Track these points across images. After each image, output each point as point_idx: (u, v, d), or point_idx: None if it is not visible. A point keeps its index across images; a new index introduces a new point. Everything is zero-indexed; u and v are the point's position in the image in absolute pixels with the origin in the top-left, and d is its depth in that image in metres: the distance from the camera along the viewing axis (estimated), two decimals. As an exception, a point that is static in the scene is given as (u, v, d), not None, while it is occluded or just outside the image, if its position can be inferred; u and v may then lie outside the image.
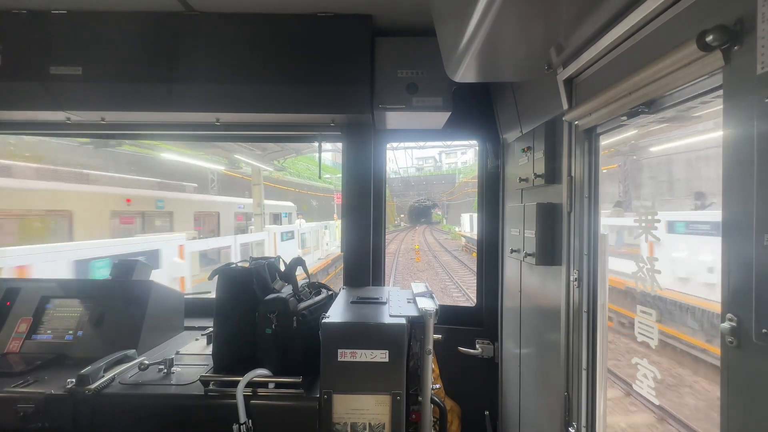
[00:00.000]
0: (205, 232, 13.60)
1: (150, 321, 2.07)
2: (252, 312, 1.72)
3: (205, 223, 13.73)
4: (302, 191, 29.41)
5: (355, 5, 1.98)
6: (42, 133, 2.51)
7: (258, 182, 15.50)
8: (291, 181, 26.76)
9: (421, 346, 1.64)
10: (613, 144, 11.78)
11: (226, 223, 14.52)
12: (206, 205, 14.00)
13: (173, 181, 15.54)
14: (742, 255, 0.80)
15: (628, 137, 11.25)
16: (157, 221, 11.37)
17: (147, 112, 2.13)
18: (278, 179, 23.69)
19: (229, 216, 14.87)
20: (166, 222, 11.60)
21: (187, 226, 12.00)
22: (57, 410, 1.58)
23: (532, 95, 1.98)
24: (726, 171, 0.84)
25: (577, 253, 1.59)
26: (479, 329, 2.64)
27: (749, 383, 0.80)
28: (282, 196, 24.00)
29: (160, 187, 13.80)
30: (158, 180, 14.57)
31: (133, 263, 2.34)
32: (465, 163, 59.45)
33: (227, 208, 14.92)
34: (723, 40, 0.82)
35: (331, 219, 25.46)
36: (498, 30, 1.21)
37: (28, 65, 2.02)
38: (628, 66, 1.21)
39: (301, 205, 27.66)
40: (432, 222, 62.84)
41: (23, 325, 2.03)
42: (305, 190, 29.80)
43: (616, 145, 12.42)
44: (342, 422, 1.53)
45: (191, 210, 12.61)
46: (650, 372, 1.34)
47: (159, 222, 11.44)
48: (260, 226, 14.81)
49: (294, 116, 2.23)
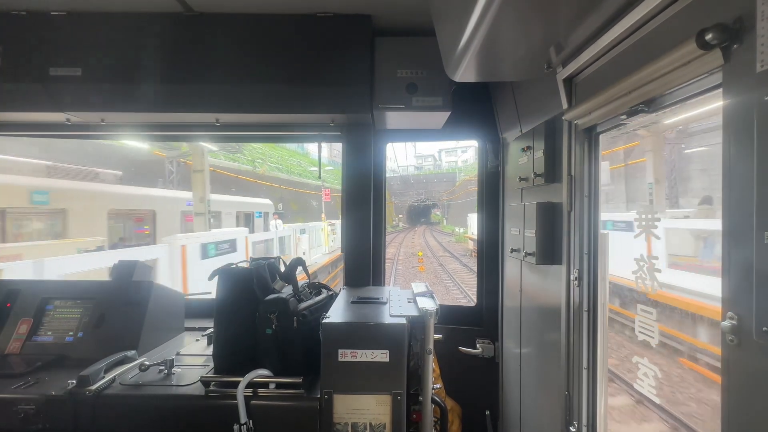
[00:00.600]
0: (136, 237, 10.11)
1: (150, 322, 2.07)
2: (252, 312, 1.72)
3: (130, 225, 10.24)
4: (288, 188, 25.74)
5: (355, 5, 1.98)
6: (41, 134, 2.51)
7: (201, 168, 11.23)
8: (275, 176, 24.57)
9: (422, 345, 1.64)
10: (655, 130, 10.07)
11: (168, 224, 10.87)
12: (132, 200, 10.21)
13: (83, 167, 10.93)
14: (743, 253, 0.80)
15: (677, 121, 9.79)
16: (34, 223, 7.84)
17: (146, 113, 2.13)
18: (262, 174, 22.08)
19: (172, 216, 11.25)
20: (52, 223, 8.04)
21: (96, 230, 8.56)
22: (57, 411, 1.57)
23: (531, 94, 1.98)
24: (726, 169, 0.84)
25: (577, 253, 1.59)
26: (480, 329, 2.64)
27: (750, 381, 0.80)
28: (270, 192, 21.56)
29: (49, 174, 9.62)
30: (48, 163, 10.05)
31: (133, 264, 2.34)
32: (466, 161, 58.12)
33: (168, 206, 11.08)
34: (722, 39, 0.82)
35: (322, 219, 21.69)
36: (497, 29, 1.21)
37: (28, 66, 2.02)
38: (627, 65, 1.21)
39: (289, 204, 25.31)
40: (431, 222, 60.81)
41: (23, 327, 2.03)
42: (289, 186, 26.09)
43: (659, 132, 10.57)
44: (343, 422, 1.53)
45: (103, 207, 9.01)
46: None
47: (38, 224, 7.86)
48: (205, 227, 11.09)
49: (293, 116, 2.23)
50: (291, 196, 26.99)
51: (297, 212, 26.87)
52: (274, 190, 23.20)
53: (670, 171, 12.42)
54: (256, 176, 22.06)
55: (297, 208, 27.33)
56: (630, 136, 11.10)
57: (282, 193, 25.32)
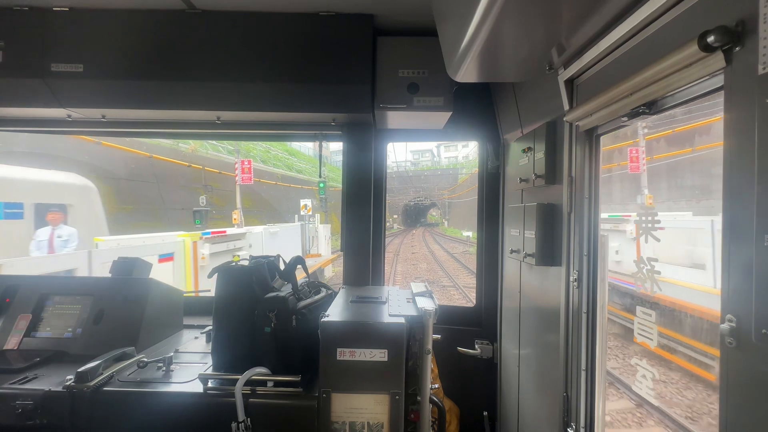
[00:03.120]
0: None
1: (149, 319, 2.07)
2: (251, 310, 1.72)
3: None
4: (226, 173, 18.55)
5: (357, 4, 1.98)
6: (43, 130, 2.51)
7: None
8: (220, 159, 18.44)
9: (420, 345, 1.64)
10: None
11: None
12: None
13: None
14: (743, 255, 0.80)
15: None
16: None
17: (147, 109, 2.13)
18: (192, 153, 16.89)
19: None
20: None
21: None
22: (55, 407, 1.57)
23: (533, 96, 1.98)
24: (727, 171, 0.84)
25: (576, 254, 1.59)
26: (478, 329, 2.64)
27: (748, 384, 0.80)
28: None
29: None
30: None
31: (132, 261, 2.34)
32: (466, 156, 54.40)
33: None
34: (724, 41, 0.82)
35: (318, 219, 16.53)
36: (499, 30, 1.21)
37: (29, 62, 2.01)
38: (629, 67, 1.21)
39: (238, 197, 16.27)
40: (429, 224, 56.53)
41: (22, 322, 2.03)
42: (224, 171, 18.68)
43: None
44: (340, 421, 1.53)
45: None
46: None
47: None
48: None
49: (295, 115, 2.23)
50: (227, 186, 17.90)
51: (251, 210, 19.11)
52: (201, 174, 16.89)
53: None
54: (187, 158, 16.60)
55: (223, 204, 18.15)
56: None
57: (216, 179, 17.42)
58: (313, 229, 15.97)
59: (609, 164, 11.79)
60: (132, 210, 14.38)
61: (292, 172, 27.29)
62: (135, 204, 14.72)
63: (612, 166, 12.06)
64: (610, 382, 5.81)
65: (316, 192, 20.15)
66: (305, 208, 15.62)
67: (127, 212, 13.98)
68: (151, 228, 12.05)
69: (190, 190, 16.79)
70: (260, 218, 19.15)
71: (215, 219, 16.15)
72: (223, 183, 18.83)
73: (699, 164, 11.56)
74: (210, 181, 17.60)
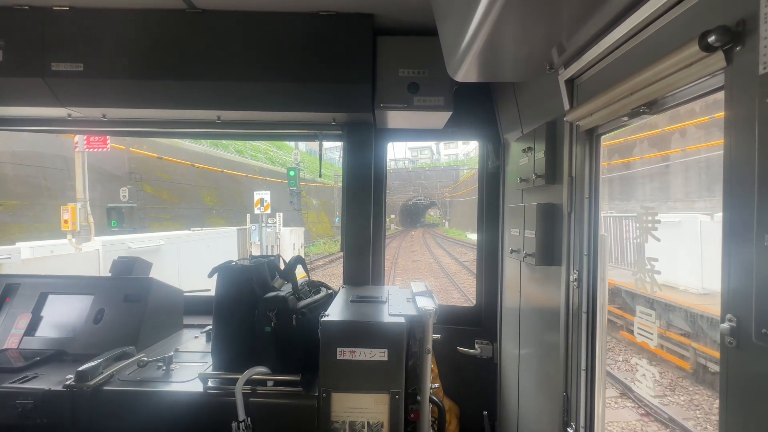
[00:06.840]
0: None
1: (149, 318, 2.06)
2: (251, 310, 1.72)
3: None
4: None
5: (357, 4, 1.98)
6: (43, 129, 2.51)
7: None
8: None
9: (420, 345, 1.64)
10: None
11: None
12: None
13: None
14: (743, 255, 0.80)
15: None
16: None
17: (148, 109, 2.13)
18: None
19: None
20: None
21: None
22: (56, 406, 1.57)
23: (533, 95, 1.98)
24: (727, 171, 0.84)
25: (577, 254, 1.59)
26: (478, 329, 2.64)
27: (749, 384, 0.80)
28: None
29: None
30: None
31: (132, 260, 2.34)
32: (467, 154, 52.56)
33: None
34: (725, 41, 0.82)
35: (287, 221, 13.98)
36: (500, 30, 1.21)
37: (30, 61, 2.01)
38: (629, 67, 1.21)
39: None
40: (428, 224, 53.99)
41: (22, 321, 2.03)
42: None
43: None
44: (340, 420, 1.53)
45: None
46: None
47: None
48: None
49: (295, 114, 2.22)
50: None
51: (214, 209, 15.36)
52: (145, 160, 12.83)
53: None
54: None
55: (176, 201, 14.55)
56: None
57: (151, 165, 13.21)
58: (273, 234, 11.79)
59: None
60: (18, 206, 10.83)
61: (275, 166, 23.40)
62: (24, 199, 11.14)
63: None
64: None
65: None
66: (260, 203, 11.57)
67: (8, 209, 10.47)
68: (36, 233, 8.91)
69: (121, 182, 13.03)
70: (228, 218, 16.30)
71: (162, 219, 12.75)
72: (177, 173, 14.73)
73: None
74: (157, 170, 13.78)
